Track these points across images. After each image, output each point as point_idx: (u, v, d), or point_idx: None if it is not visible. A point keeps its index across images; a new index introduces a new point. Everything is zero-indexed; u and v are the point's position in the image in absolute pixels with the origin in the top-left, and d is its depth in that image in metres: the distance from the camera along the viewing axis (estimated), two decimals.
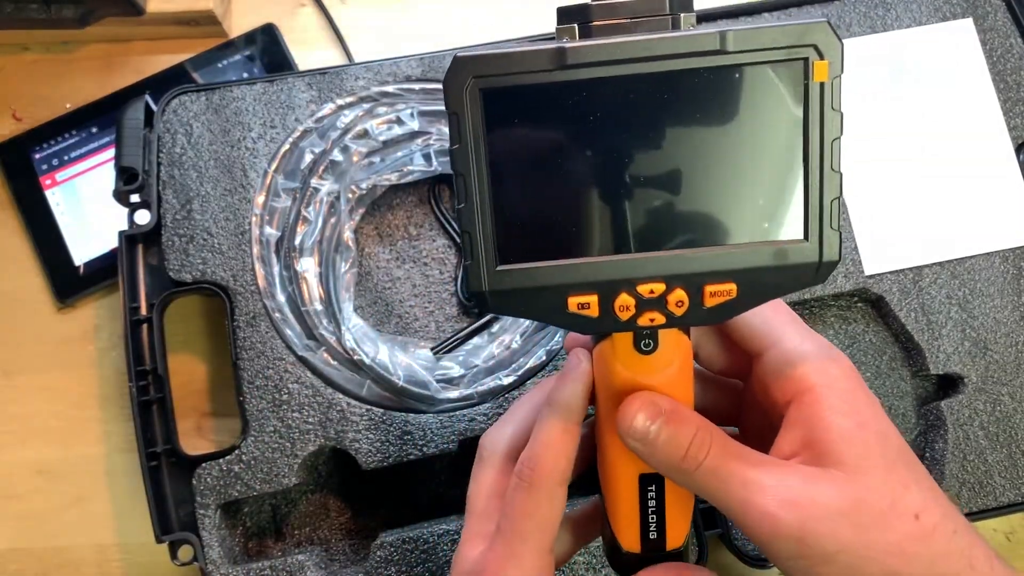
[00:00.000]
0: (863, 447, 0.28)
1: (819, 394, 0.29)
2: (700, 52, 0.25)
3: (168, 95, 0.51)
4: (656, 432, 0.28)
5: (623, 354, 0.29)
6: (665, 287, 0.27)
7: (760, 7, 0.54)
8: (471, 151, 0.26)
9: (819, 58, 0.25)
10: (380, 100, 0.51)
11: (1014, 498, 0.49)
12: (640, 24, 0.26)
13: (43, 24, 0.56)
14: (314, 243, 0.50)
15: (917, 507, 0.28)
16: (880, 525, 0.27)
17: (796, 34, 0.25)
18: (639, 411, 0.28)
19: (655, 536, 0.32)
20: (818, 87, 0.25)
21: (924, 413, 0.51)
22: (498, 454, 0.33)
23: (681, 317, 0.28)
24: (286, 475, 0.47)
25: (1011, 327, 0.51)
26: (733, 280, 0.27)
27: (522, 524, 0.30)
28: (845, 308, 0.52)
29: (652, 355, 0.29)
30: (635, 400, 0.29)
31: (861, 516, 0.27)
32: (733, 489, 0.28)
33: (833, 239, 0.27)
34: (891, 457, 0.29)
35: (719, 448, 0.28)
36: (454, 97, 0.26)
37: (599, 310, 0.27)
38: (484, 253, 0.27)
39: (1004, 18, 0.54)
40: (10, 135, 0.58)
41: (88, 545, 0.53)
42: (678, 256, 0.27)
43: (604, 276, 0.27)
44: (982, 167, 0.52)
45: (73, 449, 0.54)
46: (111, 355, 0.55)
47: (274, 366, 0.48)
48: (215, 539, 0.47)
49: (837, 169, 0.26)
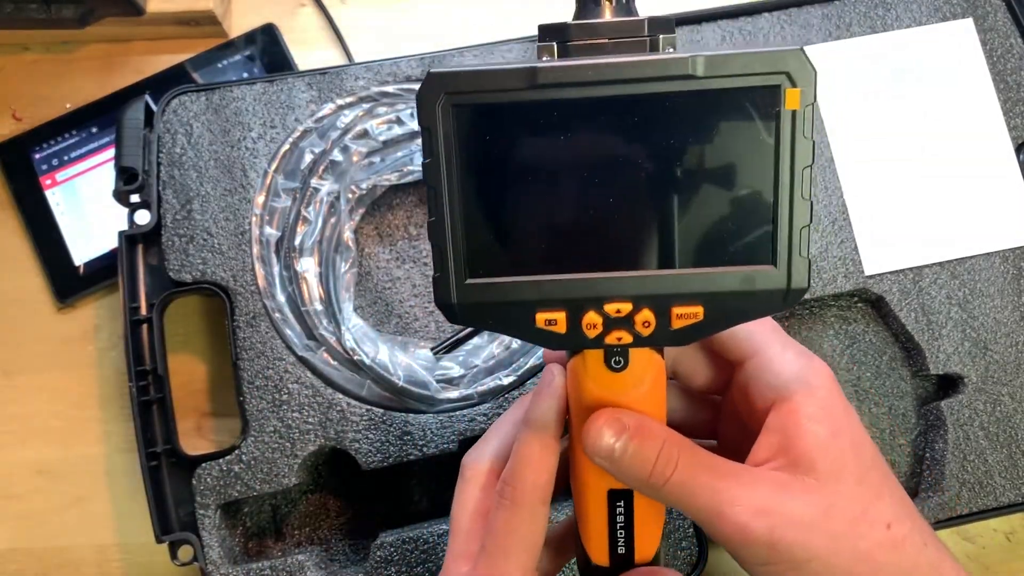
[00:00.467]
0: (837, 455, 0.28)
1: (796, 402, 0.29)
2: (672, 76, 0.25)
3: (168, 95, 0.51)
4: (622, 448, 0.28)
5: (594, 371, 0.29)
6: (632, 307, 0.27)
7: (760, 7, 0.54)
8: (442, 166, 0.26)
9: (791, 86, 0.25)
10: (380, 100, 0.51)
11: (1014, 498, 0.49)
12: (618, 45, 0.26)
13: (43, 24, 0.56)
14: (314, 243, 0.50)
15: (888, 517, 0.28)
16: (851, 533, 0.27)
17: (769, 61, 0.25)
18: (603, 428, 0.29)
19: (623, 551, 0.32)
20: (790, 115, 0.25)
21: (924, 413, 0.51)
22: (481, 472, 0.34)
23: (648, 337, 0.28)
24: (286, 475, 0.47)
25: (1011, 327, 0.51)
26: (700, 303, 0.27)
27: (506, 542, 0.31)
28: (845, 308, 0.52)
29: (623, 372, 0.29)
30: (599, 417, 0.29)
31: (832, 524, 0.27)
32: (703, 501, 0.28)
33: (802, 266, 0.27)
34: (864, 466, 0.29)
35: (688, 460, 0.28)
36: (426, 112, 0.26)
37: (567, 327, 0.28)
38: (453, 266, 0.27)
39: (1004, 18, 0.54)
40: (10, 135, 0.58)
41: (88, 545, 0.53)
42: (646, 277, 0.27)
43: (571, 294, 0.27)
44: (982, 167, 0.52)
45: (73, 449, 0.54)
46: (111, 355, 0.55)
47: (274, 366, 0.48)
48: (215, 539, 0.47)
49: (807, 197, 0.26)
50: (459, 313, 0.28)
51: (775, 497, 0.28)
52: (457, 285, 0.27)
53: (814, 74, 0.25)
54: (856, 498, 0.28)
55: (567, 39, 0.27)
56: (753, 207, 0.26)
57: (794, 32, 0.53)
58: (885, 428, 0.51)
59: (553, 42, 0.27)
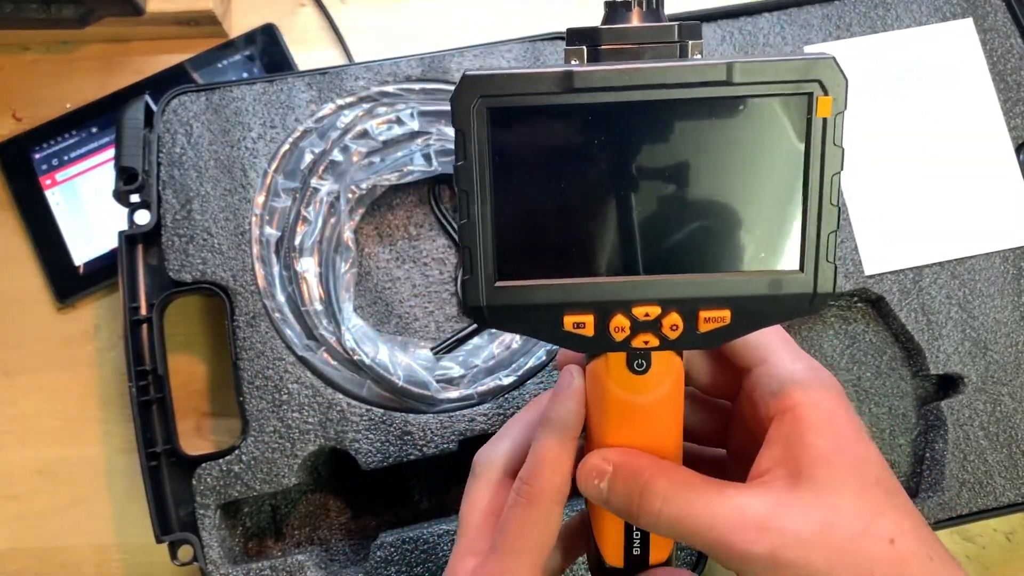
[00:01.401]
0: (838, 469, 0.28)
1: (801, 413, 0.29)
2: (707, 83, 0.25)
3: (168, 95, 0.51)
4: (608, 489, 0.29)
5: (616, 373, 0.29)
6: (660, 311, 0.27)
7: (760, 7, 0.54)
8: (475, 168, 0.26)
9: (823, 94, 0.25)
10: (380, 100, 0.51)
11: (1014, 498, 0.49)
12: (648, 50, 0.27)
13: (43, 24, 0.56)
14: (314, 243, 0.50)
15: (892, 532, 0.28)
16: (851, 549, 0.27)
17: (802, 69, 0.25)
18: (591, 470, 0.29)
19: (639, 552, 0.32)
20: (820, 122, 0.26)
21: (924, 413, 0.51)
22: (494, 470, 0.33)
23: (675, 341, 0.28)
24: (286, 475, 0.47)
25: (1011, 327, 0.51)
26: (728, 307, 0.27)
27: (518, 542, 0.30)
28: (845, 308, 0.52)
29: (644, 375, 0.29)
30: (587, 461, 0.30)
31: (831, 539, 0.27)
32: (700, 530, 0.28)
33: (828, 271, 0.27)
34: (868, 482, 0.28)
35: (678, 490, 0.28)
36: (461, 114, 0.26)
37: (594, 330, 0.28)
38: (483, 269, 0.27)
39: (1004, 18, 0.54)
40: (10, 135, 0.58)
41: (88, 545, 0.53)
42: (675, 281, 0.27)
43: (601, 297, 0.27)
44: (982, 167, 0.52)
45: (73, 449, 0.54)
46: (111, 355, 0.55)
47: (274, 366, 0.48)
48: (215, 539, 0.47)
49: (835, 203, 0.26)
50: (488, 316, 0.28)
51: (774, 515, 0.27)
52: (487, 288, 0.27)
53: (845, 83, 0.25)
54: (857, 513, 0.28)
55: (598, 43, 0.27)
56: (782, 212, 0.27)
57: (794, 32, 0.53)
58: (885, 428, 0.51)
59: (583, 46, 0.27)
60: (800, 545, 0.27)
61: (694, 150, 0.26)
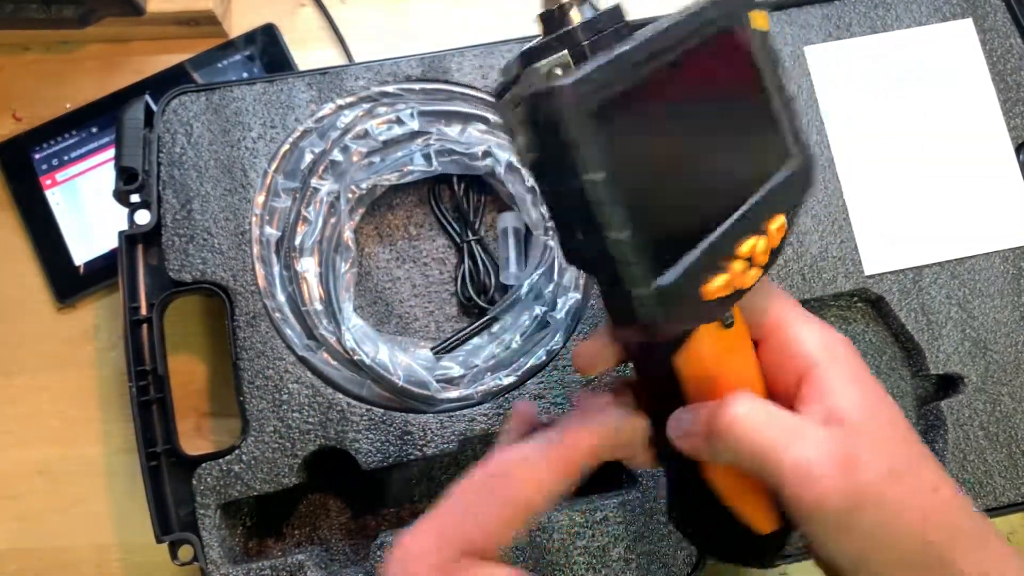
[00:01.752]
0: (878, 423, 0.29)
1: (824, 369, 0.30)
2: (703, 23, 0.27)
3: (168, 95, 0.51)
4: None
5: (716, 334, 0.30)
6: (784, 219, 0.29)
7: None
8: (592, 174, 0.24)
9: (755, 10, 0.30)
10: (380, 100, 0.51)
11: (1014, 498, 0.49)
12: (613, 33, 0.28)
13: (43, 24, 0.56)
14: (314, 243, 0.50)
15: (934, 480, 0.29)
16: (908, 490, 0.28)
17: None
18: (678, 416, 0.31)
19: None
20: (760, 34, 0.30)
21: (924, 413, 0.51)
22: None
23: (766, 264, 0.29)
24: (286, 475, 0.47)
25: (1011, 327, 0.51)
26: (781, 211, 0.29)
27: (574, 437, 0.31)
28: (845, 308, 0.52)
29: (731, 329, 0.31)
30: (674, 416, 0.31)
31: (890, 479, 0.28)
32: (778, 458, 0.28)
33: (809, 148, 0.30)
34: (901, 435, 0.29)
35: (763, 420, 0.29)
36: (567, 127, 0.24)
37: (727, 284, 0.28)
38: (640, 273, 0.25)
39: (1004, 18, 0.54)
40: (10, 135, 0.58)
41: (88, 545, 0.53)
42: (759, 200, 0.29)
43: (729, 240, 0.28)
44: (982, 167, 0.52)
45: (73, 449, 0.54)
46: (111, 355, 0.55)
47: (274, 366, 0.48)
48: (215, 539, 0.47)
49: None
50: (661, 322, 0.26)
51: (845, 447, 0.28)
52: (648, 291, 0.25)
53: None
54: (907, 462, 0.28)
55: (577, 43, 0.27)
56: (774, 112, 0.29)
57: (794, 32, 0.53)
58: None
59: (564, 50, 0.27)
60: (873, 474, 0.27)
61: (724, 79, 0.29)
